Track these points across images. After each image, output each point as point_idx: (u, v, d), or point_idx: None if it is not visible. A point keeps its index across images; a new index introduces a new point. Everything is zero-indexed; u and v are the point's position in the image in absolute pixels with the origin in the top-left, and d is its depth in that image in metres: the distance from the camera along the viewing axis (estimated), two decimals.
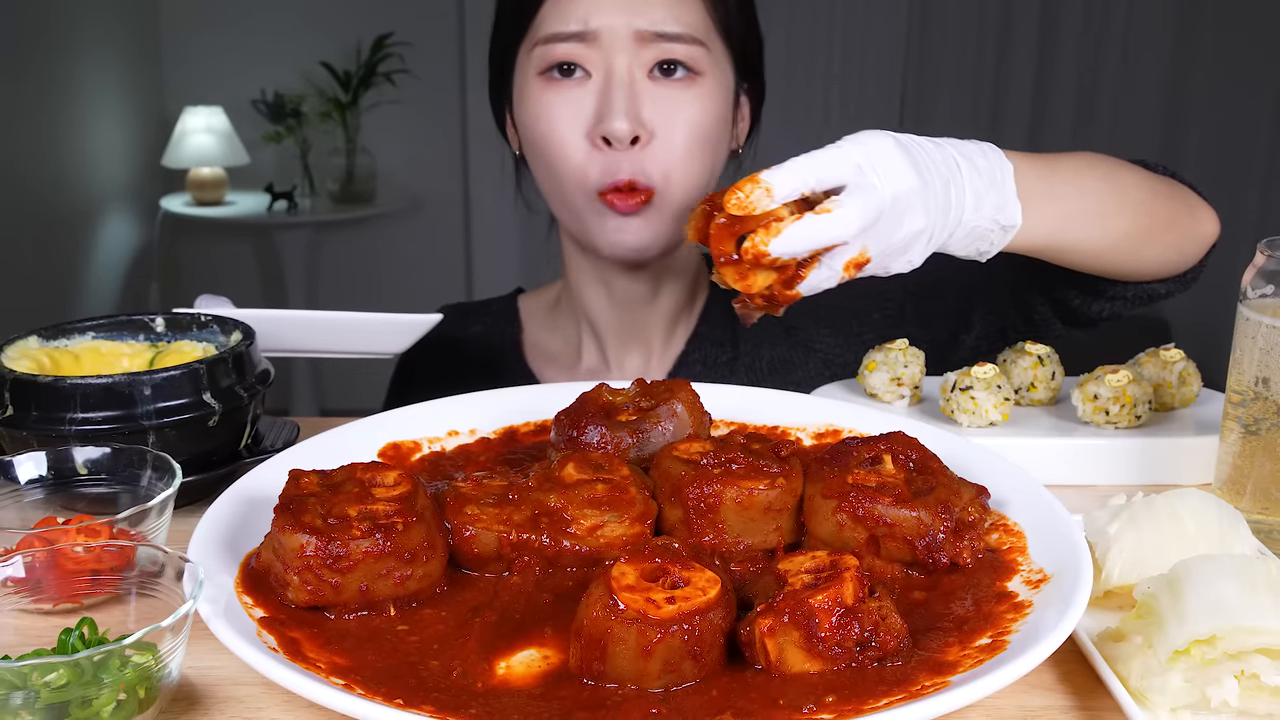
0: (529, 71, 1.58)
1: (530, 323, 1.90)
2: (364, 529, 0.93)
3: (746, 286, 1.05)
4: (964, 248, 1.18)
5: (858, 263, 1.06)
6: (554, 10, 1.54)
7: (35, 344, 1.32)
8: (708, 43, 1.56)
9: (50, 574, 0.95)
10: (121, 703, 0.82)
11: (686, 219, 1.54)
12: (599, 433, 1.15)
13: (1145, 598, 0.92)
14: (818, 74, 5.23)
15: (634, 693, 0.84)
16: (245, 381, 1.28)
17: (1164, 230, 1.36)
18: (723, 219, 1.03)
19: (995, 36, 5.27)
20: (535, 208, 1.76)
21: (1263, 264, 1.15)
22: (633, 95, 1.52)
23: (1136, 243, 1.34)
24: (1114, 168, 1.33)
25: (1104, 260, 1.35)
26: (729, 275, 1.05)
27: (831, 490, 1.02)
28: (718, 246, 1.04)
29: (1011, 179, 1.16)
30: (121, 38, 5.27)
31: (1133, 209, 1.32)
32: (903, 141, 1.08)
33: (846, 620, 0.85)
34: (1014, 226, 1.17)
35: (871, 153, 1.05)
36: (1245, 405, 1.17)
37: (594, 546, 1.01)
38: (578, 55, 1.53)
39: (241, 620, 0.89)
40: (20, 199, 4.34)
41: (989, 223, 1.15)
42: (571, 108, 1.55)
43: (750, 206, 1.01)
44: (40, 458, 1.13)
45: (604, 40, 1.52)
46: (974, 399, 1.31)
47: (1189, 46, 5.16)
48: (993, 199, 1.14)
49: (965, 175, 1.12)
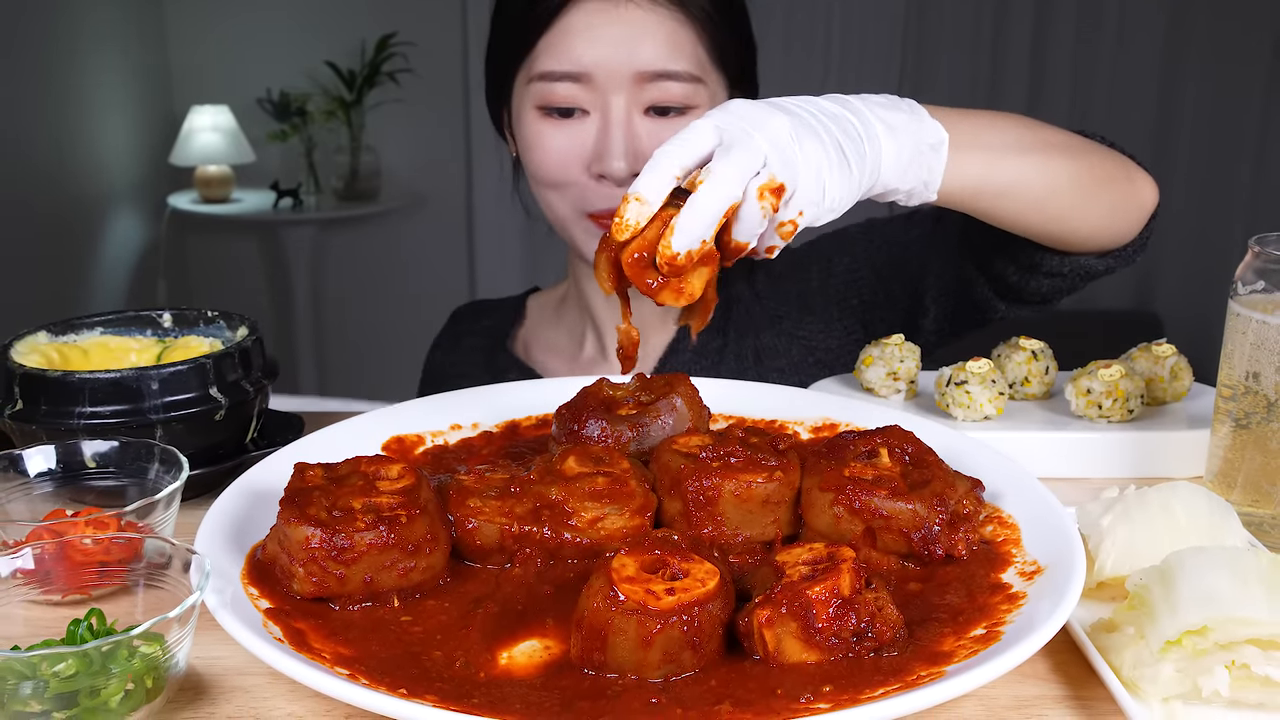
0: (526, 102, 1.58)
1: (534, 318, 1.93)
2: (368, 521, 0.94)
3: (689, 296, 1.02)
4: (902, 179, 1.14)
5: (770, 188, 1.00)
6: (549, 47, 1.53)
7: (44, 339, 1.34)
8: (704, 76, 1.55)
9: (59, 566, 0.96)
10: (129, 692, 0.83)
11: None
12: (599, 426, 1.16)
13: (1137, 589, 0.92)
14: (816, 46, 5.21)
15: (634, 682, 0.85)
16: (251, 376, 1.29)
17: (1100, 186, 1.34)
18: (630, 256, 1.00)
19: (992, 11, 5.25)
20: (532, 211, 1.77)
21: (1253, 260, 1.16)
22: (630, 134, 1.53)
23: (1073, 195, 1.32)
24: (1028, 120, 1.32)
25: (1044, 213, 1.32)
26: (667, 298, 1.02)
27: (829, 483, 1.03)
28: (639, 280, 1.01)
29: (920, 107, 1.16)
30: (129, 37, 5.28)
31: (1060, 155, 1.30)
32: (765, 101, 1.06)
33: (843, 611, 0.86)
34: (941, 141, 1.16)
35: (729, 114, 1.03)
36: (1236, 399, 1.18)
37: (594, 539, 1.02)
38: (574, 97, 1.53)
39: (247, 611, 0.90)
40: (30, 196, 4.35)
41: (913, 144, 1.13)
42: (570, 143, 1.56)
43: (634, 225, 0.99)
44: (49, 451, 1.14)
45: (600, 81, 1.52)
46: (969, 393, 1.32)
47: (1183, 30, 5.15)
48: (905, 121, 1.13)
49: (862, 105, 1.11)
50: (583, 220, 1.60)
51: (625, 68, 1.51)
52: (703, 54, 1.55)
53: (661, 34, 1.51)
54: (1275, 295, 1.14)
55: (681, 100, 1.54)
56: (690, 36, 1.54)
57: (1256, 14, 5.00)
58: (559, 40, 1.53)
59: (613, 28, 1.51)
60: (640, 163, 1.51)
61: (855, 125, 1.08)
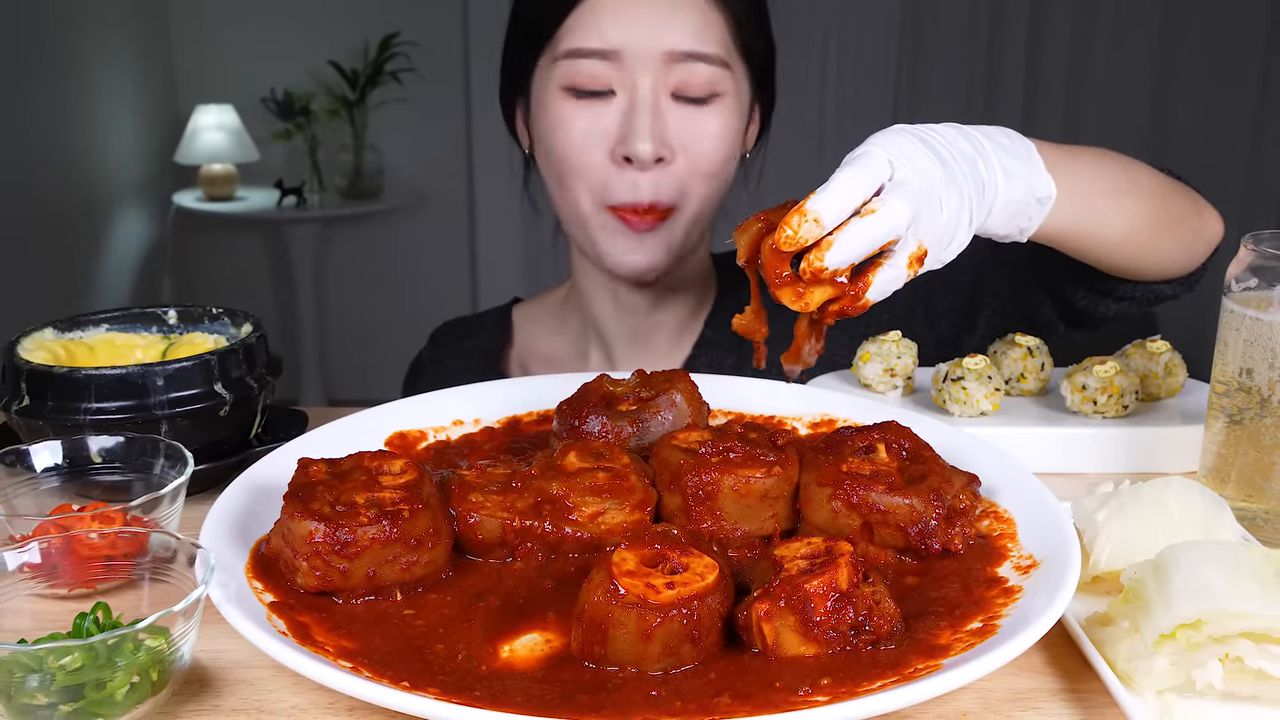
0: (550, 83, 1.55)
1: (525, 332, 1.88)
2: (371, 516, 0.95)
3: (805, 305, 1.02)
4: (1005, 226, 1.17)
5: (918, 256, 1.04)
6: (578, 24, 1.51)
7: (51, 336, 1.34)
8: (730, 63, 1.54)
9: (65, 560, 0.96)
10: (135, 685, 0.83)
11: (697, 234, 1.51)
12: (600, 422, 1.16)
13: (1132, 583, 0.93)
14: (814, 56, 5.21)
15: (634, 675, 0.85)
16: (256, 372, 1.30)
17: (1175, 225, 1.37)
18: (771, 244, 1.02)
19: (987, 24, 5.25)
20: (541, 210, 1.74)
21: (1247, 258, 1.16)
22: (657, 116, 1.51)
23: (1151, 234, 1.34)
24: (1126, 160, 1.34)
25: (1122, 252, 1.35)
26: (786, 296, 1.02)
27: (827, 478, 1.03)
28: (773, 270, 1.02)
29: (1037, 154, 1.17)
30: (135, 37, 5.29)
31: (1146, 198, 1.33)
32: (918, 133, 1.08)
33: (841, 605, 0.86)
34: (1049, 197, 1.17)
35: (894, 149, 1.04)
36: (1229, 395, 1.18)
37: (595, 533, 1.03)
38: (601, 74, 1.51)
39: (252, 605, 0.91)
40: (37, 194, 4.36)
41: (1024, 195, 1.15)
42: (594, 124, 1.52)
43: (803, 240, 0.99)
44: (56, 446, 1.15)
45: (629, 60, 1.49)
46: (965, 389, 1.33)
47: (1177, 28, 5.15)
48: (1023, 171, 1.15)
49: (991, 152, 1.12)
50: (602, 214, 1.57)
51: (655, 47, 1.49)
52: (729, 40, 1.54)
53: (693, 16, 1.50)
54: (1268, 292, 1.15)
55: (708, 85, 1.52)
56: (719, 21, 1.53)
57: (1251, 9, 5.00)
58: (588, 17, 1.50)
59: (643, 7, 1.49)
60: (665, 147, 1.50)
61: (982, 174, 1.10)
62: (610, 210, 1.56)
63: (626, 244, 1.57)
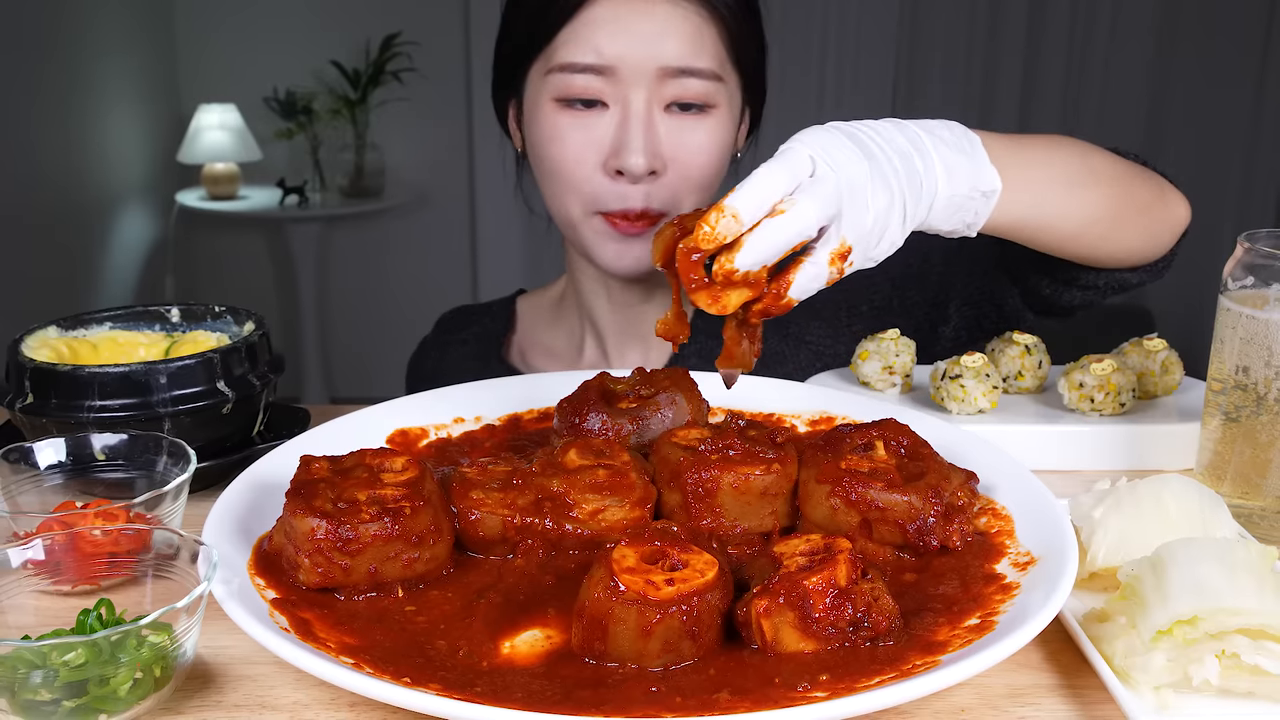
0: (542, 93, 1.55)
1: (527, 322, 1.90)
2: (373, 513, 0.95)
3: (721, 308, 1.00)
4: (948, 220, 1.15)
5: (840, 253, 1.01)
6: (572, 37, 1.50)
7: (54, 334, 1.35)
8: (723, 75, 1.53)
9: (69, 556, 0.97)
10: (138, 681, 0.84)
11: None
12: (600, 419, 1.17)
13: (1129, 579, 0.93)
14: (812, 60, 5.21)
15: (634, 671, 0.85)
16: (258, 370, 1.30)
17: (1137, 213, 1.35)
18: (687, 246, 0.99)
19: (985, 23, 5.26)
20: (535, 208, 1.74)
21: (1243, 256, 1.17)
22: (650, 129, 1.50)
23: (1110, 224, 1.32)
24: (1083, 147, 1.32)
25: (1080, 242, 1.33)
26: (702, 299, 1.00)
27: (825, 475, 1.04)
28: (687, 274, 1.00)
29: (981, 147, 1.15)
30: (138, 37, 5.30)
31: (1105, 186, 1.30)
32: (847, 129, 1.06)
33: (840, 601, 0.87)
34: (994, 191, 1.15)
35: (817, 145, 1.02)
36: (1226, 393, 1.19)
37: (595, 530, 1.03)
38: (595, 88, 1.50)
39: (254, 601, 0.91)
40: (40, 193, 4.37)
41: (968, 190, 1.13)
42: (587, 137, 1.52)
43: (722, 237, 0.97)
44: (59, 444, 1.15)
45: (622, 74, 1.49)
46: (963, 387, 1.33)
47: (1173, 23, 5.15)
48: (965, 165, 1.12)
49: (930, 146, 1.10)
50: (592, 219, 1.56)
51: (649, 62, 1.48)
52: (723, 52, 1.53)
53: (686, 30, 1.49)
54: (1264, 290, 1.15)
55: (701, 98, 1.51)
56: (713, 34, 1.52)
57: (1249, 7, 5.00)
58: (582, 31, 1.49)
59: (638, 22, 1.48)
60: (657, 159, 1.50)
61: (919, 169, 1.08)
62: (600, 215, 1.56)
63: (616, 247, 1.57)
